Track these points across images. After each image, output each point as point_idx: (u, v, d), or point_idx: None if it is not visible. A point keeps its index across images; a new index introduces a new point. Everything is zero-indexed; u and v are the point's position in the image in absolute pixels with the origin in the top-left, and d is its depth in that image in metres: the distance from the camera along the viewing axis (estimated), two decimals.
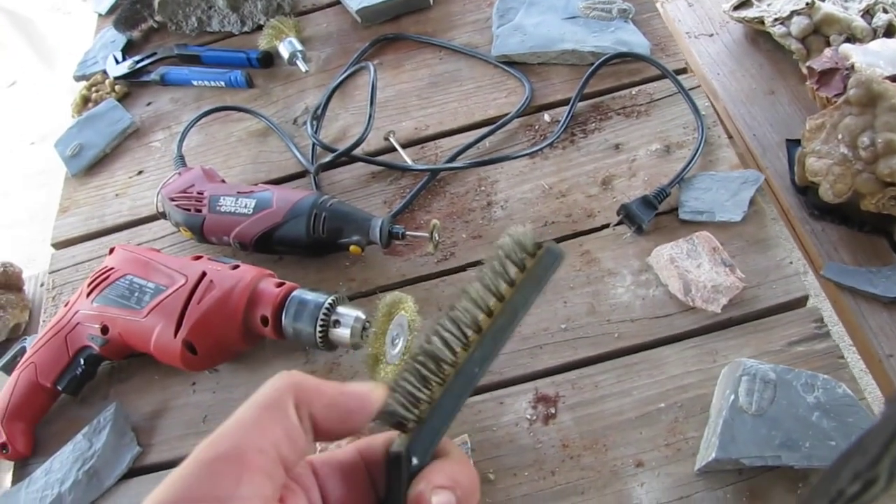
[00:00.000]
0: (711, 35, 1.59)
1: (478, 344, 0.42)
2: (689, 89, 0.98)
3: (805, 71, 1.37)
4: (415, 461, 0.40)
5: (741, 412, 0.69)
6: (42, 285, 1.59)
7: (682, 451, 0.72)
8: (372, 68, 1.00)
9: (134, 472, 0.84)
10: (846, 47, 1.34)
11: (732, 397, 0.70)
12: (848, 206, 1.14)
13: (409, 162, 0.99)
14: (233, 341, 0.83)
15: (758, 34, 1.54)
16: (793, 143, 1.32)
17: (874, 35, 1.40)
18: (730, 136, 1.57)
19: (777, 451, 0.68)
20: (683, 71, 1.02)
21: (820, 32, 1.43)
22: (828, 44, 1.41)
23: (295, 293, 0.82)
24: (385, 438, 0.43)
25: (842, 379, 0.74)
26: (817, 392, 0.70)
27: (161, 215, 1.00)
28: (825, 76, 1.34)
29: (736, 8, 1.53)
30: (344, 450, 0.43)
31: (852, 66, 1.30)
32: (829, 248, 1.20)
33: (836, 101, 1.15)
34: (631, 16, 1.08)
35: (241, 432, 0.36)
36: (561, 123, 0.99)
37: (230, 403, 0.85)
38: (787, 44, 1.45)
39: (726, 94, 1.47)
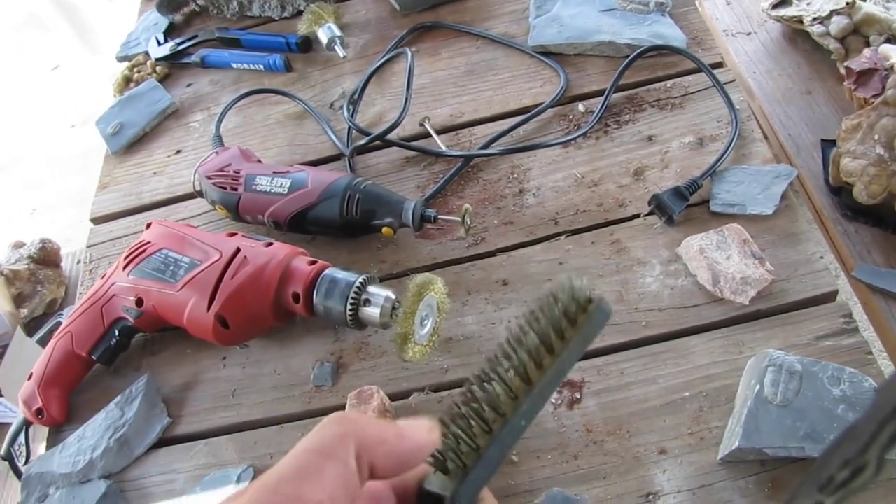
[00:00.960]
0: (749, 34, 1.58)
1: (526, 397, 0.42)
2: (725, 83, 0.98)
3: (843, 71, 1.37)
4: None
5: (766, 402, 0.70)
6: (79, 262, 1.63)
7: (705, 440, 0.73)
8: (409, 54, 1.02)
9: (163, 441, 0.86)
10: (886, 47, 1.33)
11: (758, 387, 0.70)
12: (882, 207, 1.14)
13: (444, 148, 1.00)
14: (264, 317, 0.85)
15: (796, 33, 1.53)
16: (828, 144, 1.31)
17: None
18: (765, 136, 1.56)
19: (801, 442, 0.68)
20: (719, 65, 1.02)
21: (859, 32, 1.42)
22: (867, 44, 1.40)
23: (327, 272, 0.83)
24: (417, 473, 0.43)
25: (869, 374, 0.74)
26: (843, 385, 0.70)
27: (198, 194, 1.02)
28: (863, 76, 1.34)
29: (774, 6, 1.52)
30: (375, 482, 0.42)
31: (892, 67, 1.29)
32: (861, 249, 1.19)
33: (873, 102, 1.15)
34: (668, 9, 1.08)
35: (302, 481, 0.36)
36: (595, 114, 0.99)
37: (259, 379, 0.87)
38: (825, 43, 1.44)
39: (762, 92, 1.47)
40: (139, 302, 0.88)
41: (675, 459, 0.72)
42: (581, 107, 1.02)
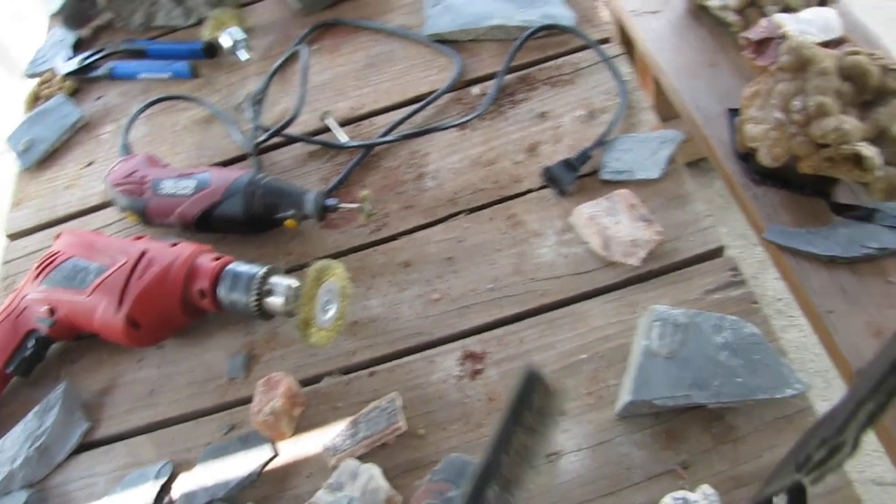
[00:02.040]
0: (655, 12, 1.62)
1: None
2: (612, 57, 1.02)
3: (742, 42, 1.41)
4: None
5: (654, 356, 0.73)
6: None
7: (603, 398, 0.75)
8: (304, 51, 1.04)
9: (84, 446, 0.86)
10: (779, 16, 1.38)
11: (646, 343, 0.73)
12: (787, 169, 1.17)
13: (344, 139, 1.02)
14: (174, 316, 0.86)
15: (699, 9, 1.57)
16: (733, 113, 1.35)
17: (807, 5, 1.43)
18: (656, 106, 1.60)
19: (688, 390, 0.71)
20: (607, 41, 1.06)
21: (756, 4, 1.47)
22: (763, 15, 1.44)
23: (230, 266, 0.85)
24: None
25: (755, 323, 0.77)
26: (725, 332, 0.74)
27: (109, 203, 1.03)
28: (761, 46, 1.38)
29: None
30: None
31: (785, 35, 1.34)
32: (770, 211, 1.23)
33: (771, 69, 1.19)
34: None
35: None
36: (489, 96, 1.02)
37: (175, 377, 0.88)
38: (725, 17, 1.49)
39: (670, 67, 1.51)
40: (51, 311, 0.89)
41: (575, 419, 0.75)
42: (476, 90, 1.05)
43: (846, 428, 0.40)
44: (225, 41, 1.20)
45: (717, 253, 0.84)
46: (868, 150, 1.05)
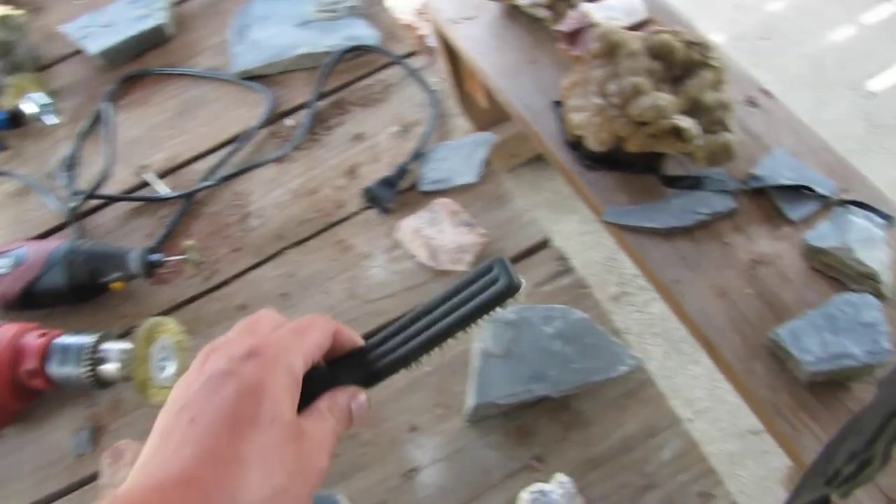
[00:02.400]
0: (471, 18, 1.65)
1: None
2: (418, 70, 1.03)
3: (556, 35, 1.45)
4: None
5: (491, 357, 0.74)
6: None
7: (451, 407, 0.76)
8: (107, 108, 1.01)
9: None
10: (586, 6, 1.43)
11: (481, 345, 0.74)
12: (615, 151, 1.21)
13: (163, 191, 1.00)
14: (5, 402, 0.82)
15: (513, 9, 1.61)
16: (558, 104, 1.39)
17: None
18: (467, 110, 1.64)
19: (528, 385, 0.72)
20: (412, 54, 1.07)
21: None
22: (572, 6, 1.49)
23: (57, 340, 0.82)
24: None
25: (586, 307, 0.80)
26: (556, 322, 0.75)
27: None
28: (573, 36, 1.42)
29: None
30: None
31: (594, 23, 1.39)
32: (606, 193, 1.27)
33: (585, 58, 1.22)
34: (359, 11, 1.12)
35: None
36: (303, 125, 1.02)
37: (20, 465, 0.84)
38: (536, 13, 1.53)
39: (493, 70, 1.54)
40: None
41: (427, 432, 0.75)
42: (289, 121, 1.05)
43: (875, 442, 0.40)
44: (29, 108, 1.15)
45: (542, 245, 0.86)
46: (685, 122, 1.10)
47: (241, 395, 0.43)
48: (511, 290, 0.50)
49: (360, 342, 0.53)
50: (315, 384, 0.48)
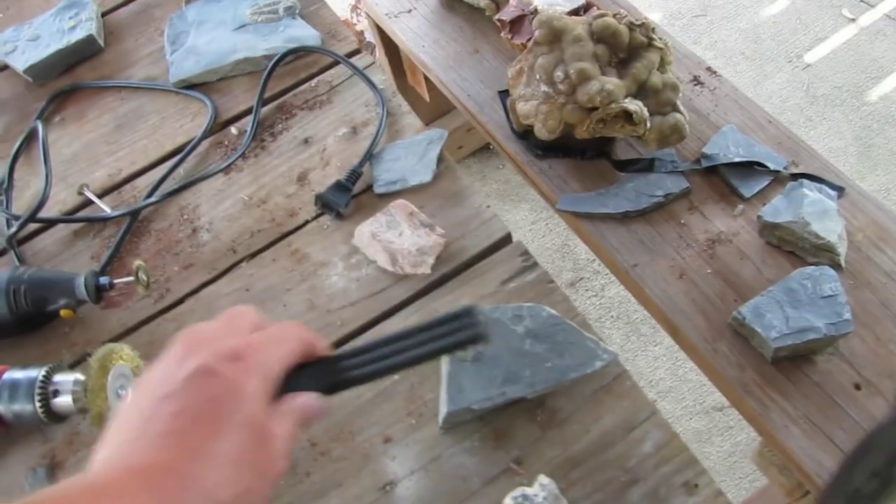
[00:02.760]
0: (410, 11, 1.62)
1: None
2: (364, 68, 1.00)
3: (498, 24, 1.43)
4: None
5: (461, 362, 0.72)
6: None
7: (423, 415, 0.74)
8: (39, 126, 0.97)
9: None
10: None
11: None
12: (565, 138, 1.20)
13: (107, 210, 0.96)
14: None
15: (451, 0, 1.58)
16: (504, 94, 1.37)
17: None
18: (416, 105, 1.62)
19: (501, 388, 0.70)
20: (356, 52, 1.04)
21: None
22: None
23: (5, 375, 0.78)
24: None
25: (554, 301, 0.78)
26: (525, 321, 0.74)
27: None
28: (515, 24, 1.41)
29: None
30: None
31: (536, 10, 1.37)
32: (559, 182, 1.26)
33: (528, 45, 1.21)
34: (297, 11, 1.09)
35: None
36: (248, 133, 0.98)
37: None
38: (477, 2, 1.51)
39: (435, 63, 1.51)
40: None
41: (401, 443, 0.73)
42: (234, 129, 1.01)
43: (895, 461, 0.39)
44: None
45: (505, 241, 0.84)
46: (634, 105, 1.09)
47: (225, 396, 0.46)
48: (478, 340, 0.52)
49: (328, 353, 0.56)
50: (281, 385, 0.51)
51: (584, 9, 1.43)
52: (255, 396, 0.47)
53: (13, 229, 0.95)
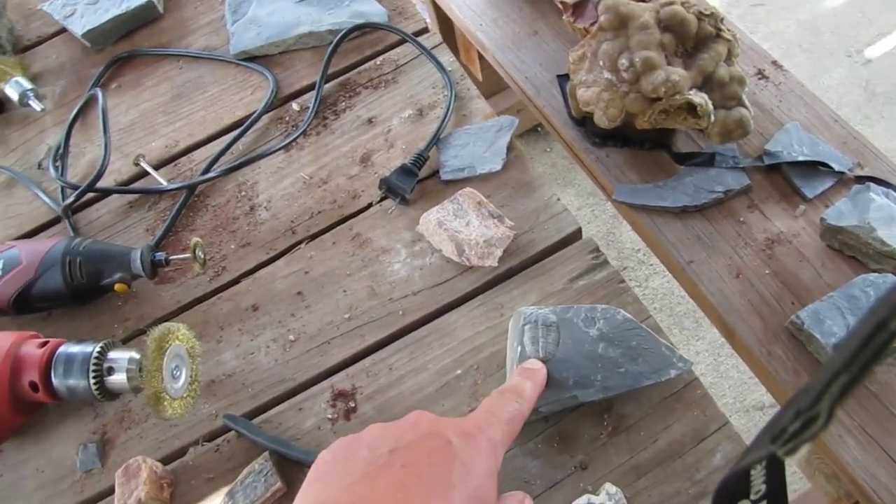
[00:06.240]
0: None
1: None
2: (431, 48, 0.97)
3: (560, 6, 1.40)
4: None
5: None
6: None
7: None
8: (99, 94, 0.95)
9: None
10: None
11: (520, 349, 0.70)
12: (625, 128, 1.17)
13: (164, 182, 0.94)
14: (5, 417, 0.77)
15: None
16: (563, 78, 1.34)
17: None
18: (488, 89, 1.59)
19: (572, 391, 0.68)
20: (424, 31, 1.01)
21: None
22: None
23: (60, 350, 0.76)
24: None
25: (624, 302, 0.76)
26: (599, 323, 0.71)
27: None
28: (578, 8, 1.37)
29: None
30: None
31: None
32: (616, 172, 1.22)
33: (592, 30, 1.17)
34: None
35: None
36: (310, 110, 0.96)
37: (21, 483, 0.79)
38: None
39: (492, 42, 1.48)
40: None
41: None
42: (296, 105, 0.99)
43: (820, 400, 0.39)
44: (11, 93, 1.08)
45: (575, 236, 0.82)
46: (698, 97, 1.05)
47: (456, 466, 0.46)
48: None
49: None
50: None
51: None
52: (486, 475, 0.47)
53: (70, 199, 0.94)
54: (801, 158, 1.14)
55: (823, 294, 0.98)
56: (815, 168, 1.14)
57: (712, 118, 1.07)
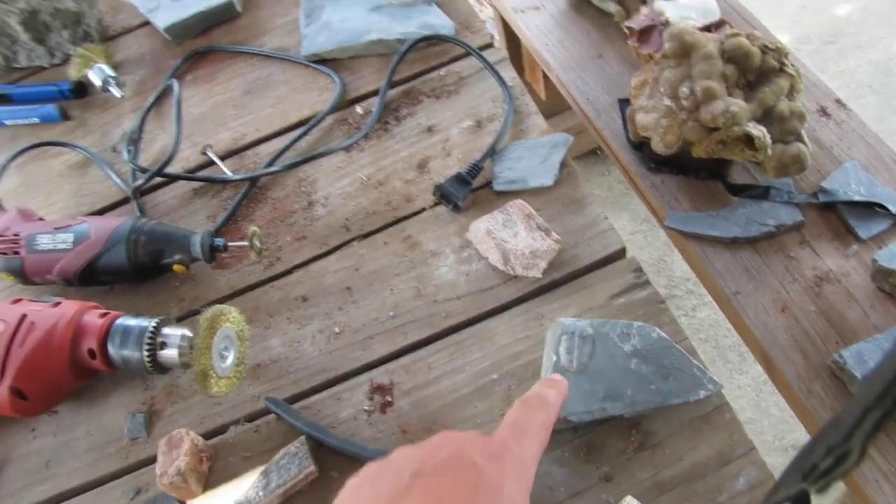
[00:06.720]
0: (538, 8, 1.62)
1: None
2: (495, 63, 1.00)
3: (626, 31, 1.41)
4: None
5: (564, 371, 0.71)
6: None
7: None
8: (175, 85, 1.00)
9: None
10: (660, 4, 1.39)
11: (554, 358, 0.72)
12: (681, 155, 1.18)
13: (228, 173, 0.99)
14: (64, 380, 0.82)
15: (581, 2, 1.57)
16: (624, 102, 1.36)
17: None
18: (553, 107, 1.61)
19: (602, 403, 0.70)
20: (489, 46, 1.04)
21: None
22: (644, 2, 1.45)
23: (118, 321, 0.81)
24: None
25: (662, 322, 0.77)
26: (633, 339, 0.73)
27: None
28: (644, 34, 1.38)
29: None
30: None
31: (667, 22, 1.35)
32: (670, 198, 1.24)
33: (656, 57, 1.19)
34: None
35: None
36: (373, 114, 0.99)
37: (73, 443, 0.83)
38: (606, 7, 1.49)
39: (557, 62, 1.50)
40: None
41: None
42: (359, 109, 1.02)
43: (852, 436, 0.39)
44: (94, 79, 1.14)
45: (619, 255, 0.84)
46: (757, 130, 1.06)
47: (483, 488, 0.45)
48: None
49: None
50: None
51: (717, 26, 1.40)
52: (516, 495, 0.47)
53: (139, 181, 0.99)
54: (857, 198, 1.14)
55: (869, 335, 0.98)
56: (871, 209, 1.14)
57: (769, 151, 1.08)
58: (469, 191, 0.89)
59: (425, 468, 0.46)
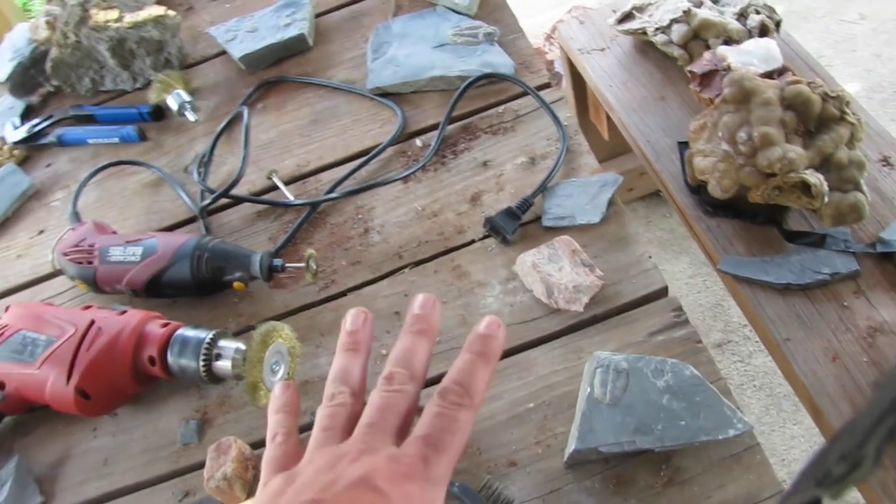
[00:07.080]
0: (603, 49, 1.65)
1: None
2: (551, 103, 1.03)
3: (688, 75, 1.43)
4: None
5: (597, 403, 0.73)
6: None
7: (551, 447, 0.76)
8: (245, 112, 1.05)
9: None
10: (722, 49, 1.41)
11: (588, 390, 0.74)
12: (738, 200, 1.19)
13: (291, 198, 1.03)
14: (125, 384, 0.86)
15: (645, 45, 1.60)
16: (683, 145, 1.37)
17: (749, 35, 1.46)
18: (620, 145, 1.63)
19: (632, 436, 0.71)
20: (546, 86, 1.07)
21: (699, 37, 1.49)
22: (707, 47, 1.47)
23: (178, 332, 0.85)
24: None
25: (698, 362, 0.78)
26: (666, 376, 0.74)
27: (59, 272, 1.03)
28: (706, 78, 1.40)
29: (620, 21, 1.59)
30: None
31: (729, 67, 1.36)
32: (724, 242, 1.25)
33: (716, 101, 1.21)
34: (496, 38, 1.14)
35: None
36: (431, 147, 1.04)
37: (129, 444, 0.88)
38: (670, 51, 1.51)
39: (619, 104, 1.53)
40: (1, 385, 0.89)
41: (524, 469, 0.75)
42: (419, 142, 1.06)
43: (866, 443, 0.39)
44: (172, 103, 1.21)
45: (661, 294, 0.85)
46: (814, 178, 1.07)
47: None
48: None
49: None
50: None
51: (779, 72, 1.41)
52: None
53: (206, 201, 1.04)
54: None
55: None
56: None
57: (826, 199, 1.08)
58: (518, 225, 0.92)
59: (327, 494, 0.43)
